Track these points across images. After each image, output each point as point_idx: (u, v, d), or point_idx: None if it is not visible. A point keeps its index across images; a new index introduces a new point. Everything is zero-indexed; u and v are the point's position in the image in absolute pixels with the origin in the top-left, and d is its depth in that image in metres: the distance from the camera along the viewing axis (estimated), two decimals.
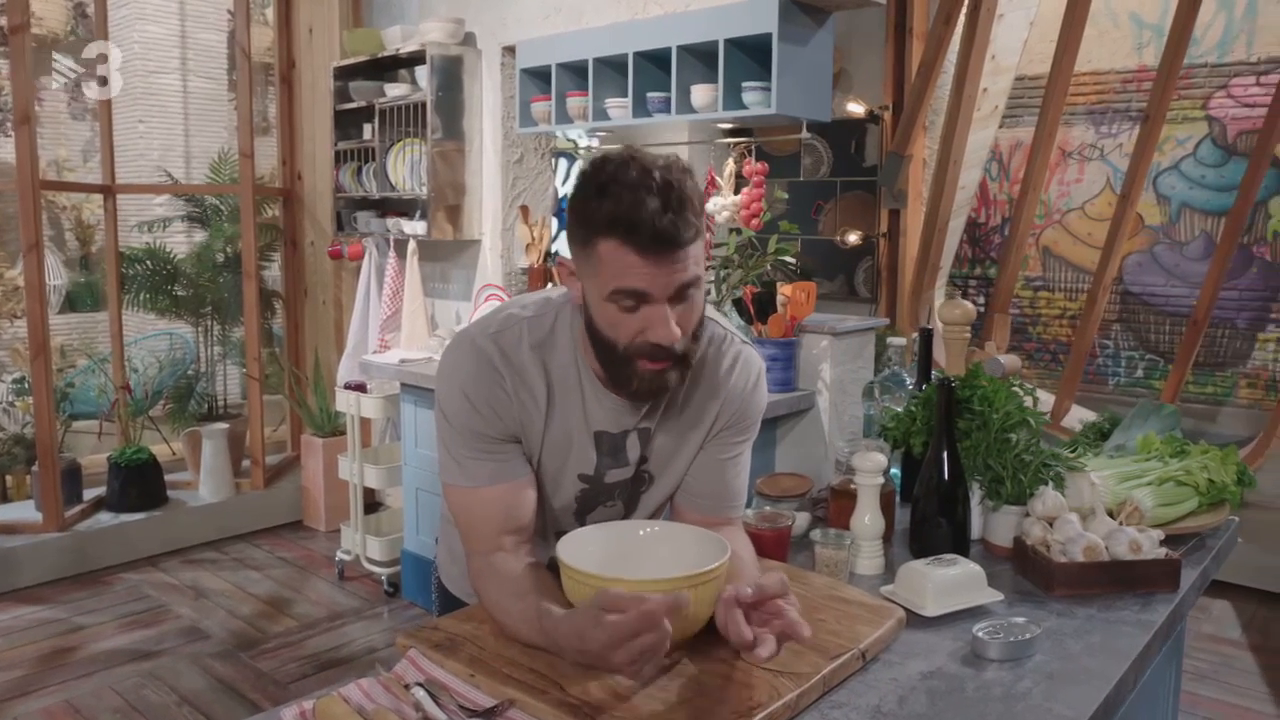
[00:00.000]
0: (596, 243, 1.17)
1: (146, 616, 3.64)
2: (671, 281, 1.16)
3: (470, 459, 1.29)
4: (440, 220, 4.05)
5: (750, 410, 1.39)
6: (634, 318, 1.18)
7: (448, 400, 1.30)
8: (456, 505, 1.32)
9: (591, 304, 1.22)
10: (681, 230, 1.14)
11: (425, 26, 4.04)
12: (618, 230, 1.14)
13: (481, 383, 1.27)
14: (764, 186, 3.25)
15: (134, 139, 5.84)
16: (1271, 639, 3.49)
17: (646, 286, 1.16)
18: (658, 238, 1.13)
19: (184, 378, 5.01)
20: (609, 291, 1.17)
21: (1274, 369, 4.62)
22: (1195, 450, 1.73)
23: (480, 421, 1.27)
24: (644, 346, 1.19)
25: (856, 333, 3.09)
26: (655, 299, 1.17)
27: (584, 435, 1.32)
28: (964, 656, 1.21)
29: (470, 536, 1.31)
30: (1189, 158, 4.80)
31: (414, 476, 3.59)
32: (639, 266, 1.15)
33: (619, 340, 1.20)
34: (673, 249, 1.14)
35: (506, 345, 1.29)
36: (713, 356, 1.36)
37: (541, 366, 1.29)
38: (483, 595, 1.27)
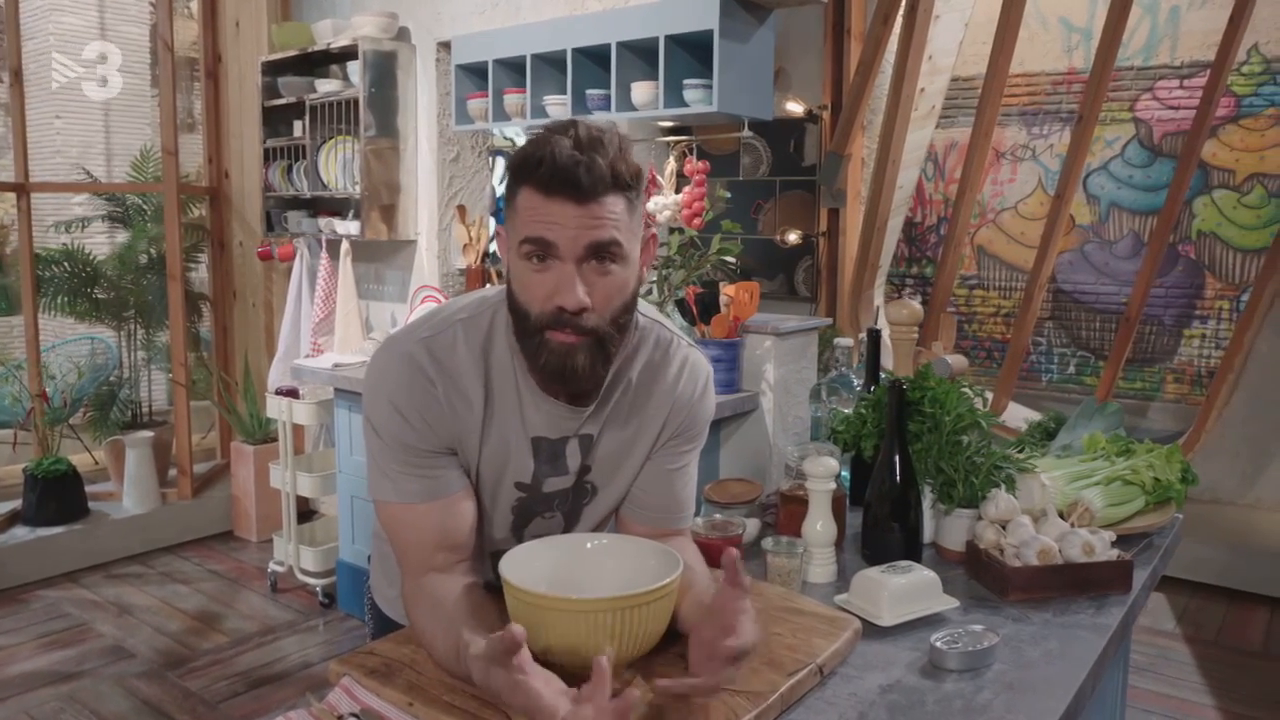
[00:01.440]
0: (515, 195, 1.13)
1: (66, 636, 3.47)
2: (580, 235, 1.09)
3: (402, 474, 1.20)
4: (374, 220, 3.94)
5: (698, 417, 1.34)
6: (543, 278, 1.11)
7: (376, 412, 1.22)
8: (388, 523, 1.24)
9: (511, 266, 1.17)
10: (590, 172, 1.08)
11: (357, 21, 3.93)
12: (527, 172, 1.10)
13: (413, 393, 1.19)
14: (705, 185, 3.22)
15: (50, 135, 5.60)
16: (1204, 630, 3.56)
17: (552, 235, 1.09)
18: (559, 174, 1.08)
19: (106, 384, 4.81)
20: (519, 243, 1.12)
21: (1200, 364, 4.73)
22: (1140, 449, 1.73)
23: (412, 434, 1.19)
24: (552, 313, 1.12)
25: (800, 333, 3.07)
26: (563, 254, 1.10)
27: (521, 441, 1.24)
28: (922, 668, 1.18)
29: (404, 556, 1.23)
30: (1117, 158, 4.90)
31: (349, 484, 3.49)
32: (544, 209, 1.10)
33: (531, 307, 1.13)
34: (579, 193, 1.08)
35: (439, 350, 1.21)
36: (659, 361, 1.30)
37: (479, 369, 1.22)
38: (412, 621, 1.20)
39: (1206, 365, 4.69)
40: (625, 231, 1.13)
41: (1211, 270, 4.67)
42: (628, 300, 1.17)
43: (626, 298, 1.16)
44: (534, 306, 1.13)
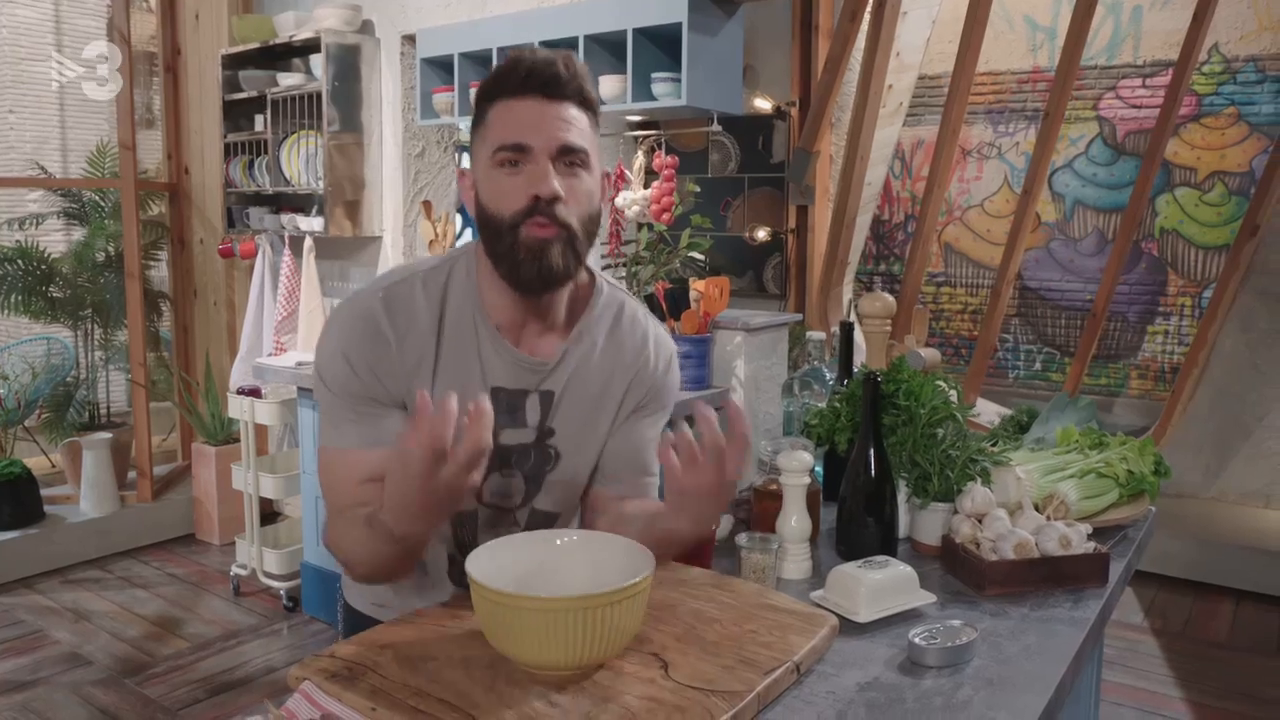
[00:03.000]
0: (486, 113, 1.20)
1: (20, 643, 3.37)
2: (553, 135, 1.16)
3: (345, 421, 1.24)
4: (338, 216, 3.88)
5: (664, 393, 1.38)
6: (516, 180, 1.17)
7: (327, 361, 1.26)
8: (324, 468, 1.26)
9: (481, 184, 1.21)
10: (560, 74, 1.17)
11: (320, 13, 3.86)
12: (499, 86, 1.18)
13: (365, 347, 1.23)
14: (674, 180, 3.19)
15: (3, 130, 5.46)
16: (1172, 623, 3.59)
17: (526, 137, 1.16)
18: (534, 73, 1.16)
19: (62, 385, 4.69)
20: (493, 152, 1.18)
21: (1163, 360, 4.78)
22: (1114, 442, 1.72)
23: (358, 384, 1.23)
24: (527, 206, 1.16)
25: (770, 328, 3.05)
26: (536, 153, 1.16)
27: (477, 390, 1.24)
28: (901, 664, 1.15)
29: (330, 495, 1.26)
30: (1081, 156, 4.94)
31: (313, 485, 3.42)
32: (518, 111, 1.16)
33: (504, 210, 1.17)
34: (551, 90, 1.17)
35: (396, 301, 1.24)
36: (626, 329, 1.34)
37: (434, 316, 1.25)
38: (338, 546, 1.23)
39: (1170, 361, 4.74)
40: (590, 145, 1.20)
41: (1174, 267, 4.72)
42: (595, 209, 1.22)
43: (594, 206, 1.22)
44: (508, 206, 1.17)
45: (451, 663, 1.08)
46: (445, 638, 1.14)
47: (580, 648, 1.00)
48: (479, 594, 1.03)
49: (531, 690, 1.02)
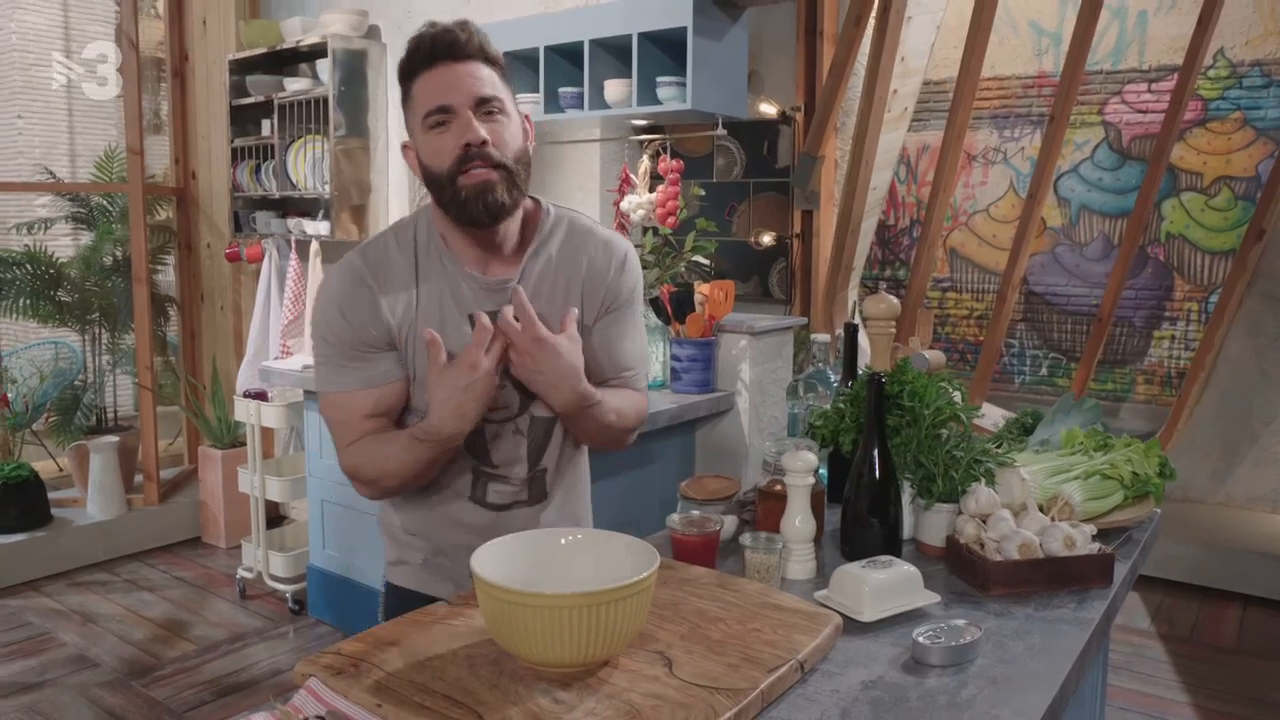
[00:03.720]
0: (410, 90, 1.36)
1: (28, 645, 3.39)
2: (467, 90, 1.32)
3: (342, 366, 1.41)
4: (344, 220, 3.89)
5: (622, 291, 1.50)
6: (446, 135, 1.32)
7: (323, 316, 1.41)
8: (327, 410, 1.44)
9: (420, 150, 1.36)
10: (459, 39, 1.33)
11: (326, 18, 3.88)
12: (411, 63, 1.34)
13: (353, 296, 1.39)
14: (679, 184, 3.20)
15: (12, 135, 5.49)
16: (1178, 627, 3.58)
17: (446, 98, 1.32)
18: (438, 43, 1.32)
19: (70, 389, 4.71)
20: (422, 119, 1.33)
21: (1170, 365, 4.77)
22: (1118, 443, 1.72)
23: (350, 331, 1.39)
24: (460, 155, 1.32)
25: (775, 332, 3.05)
26: (457, 108, 1.32)
27: (456, 316, 1.40)
28: (905, 663, 1.15)
29: (337, 433, 1.43)
30: (1087, 161, 4.93)
31: (319, 488, 3.43)
32: (433, 79, 1.32)
33: (442, 164, 1.33)
34: (456, 52, 1.32)
35: (373, 254, 1.42)
36: (579, 239, 1.47)
37: (410, 259, 1.42)
38: (361, 467, 1.41)
39: (1176, 366, 4.73)
40: (503, 94, 1.36)
41: (1180, 272, 4.72)
42: (521, 147, 1.38)
43: (520, 144, 1.37)
44: (445, 161, 1.33)
45: (457, 659, 1.09)
46: (451, 634, 1.15)
47: (584, 644, 1.01)
48: (484, 591, 1.04)
49: (536, 687, 1.03)
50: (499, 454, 1.46)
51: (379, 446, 1.40)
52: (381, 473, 1.40)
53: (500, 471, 1.47)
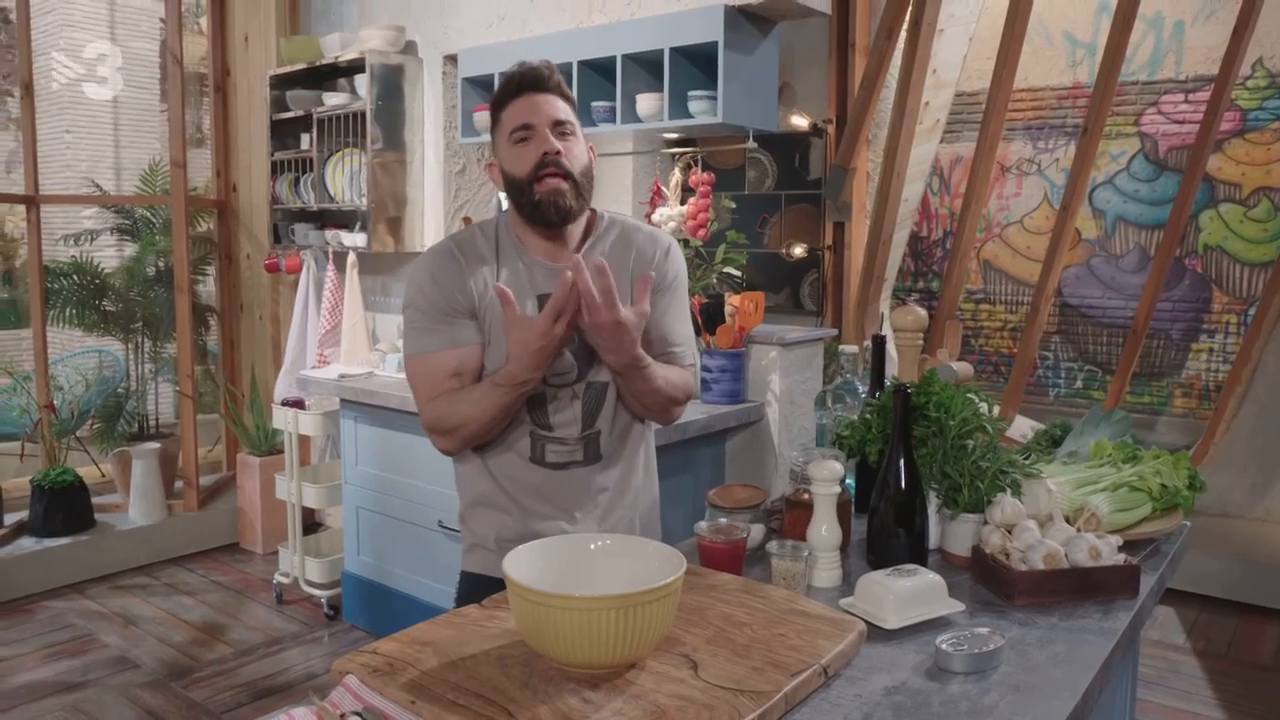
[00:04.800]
0: (499, 117, 1.61)
1: (72, 646, 3.47)
2: (546, 113, 1.58)
3: (432, 329, 1.62)
4: (381, 232, 3.96)
5: (665, 273, 1.71)
6: (527, 148, 1.57)
7: (417, 284, 1.64)
8: (415, 367, 1.65)
9: (504, 163, 1.61)
10: (542, 75, 1.60)
11: (365, 34, 3.96)
12: (505, 93, 1.60)
13: (444, 266, 1.63)
14: (710, 196, 3.22)
15: (60, 149, 5.64)
16: (1214, 644, 3.53)
17: (529, 118, 1.58)
18: (526, 78, 1.60)
19: (113, 396, 4.82)
20: (508, 135, 1.59)
21: (1207, 378, 4.72)
22: (1147, 455, 1.72)
23: (439, 295, 1.61)
24: (538, 163, 1.56)
25: (805, 343, 3.07)
26: (537, 126, 1.58)
27: (528, 296, 1.62)
28: (928, 670, 1.17)
29: (420, 390, 1.64)
30: (1123, 172, 4.90)
31: (354, 495, 3.48)
32: (521, 104, 1.59)
33: (522, 172, 1.58)
34: (539, 86, 1.59)
35: (462, 240, 1.67)
36: (629, 234, 1.71)
37: (492, 247, 1.65)
38: (443, 418, 1.60)
39: (1214, 379, 4.68)
40: (574, 121, 1.63)
41: (1218, 284, 4.67)
42: (587, 165, 1.63)
43: (585, 162, 1.62)
44: (525, 169, 1.58)
45: (489, 659, 1.12)
46: (483, 636, 1.18)
47: (613, 646, 1.04)
48: (516, 593, 1.07)
49: (565, 687, 1.05)
50: (556, 416, 1.64)
51: (460, 395, 1.60)
52: (463, 419, 1.58)
53: (556, 433, 1.64)
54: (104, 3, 5.71)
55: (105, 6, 5.71)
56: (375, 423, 3.33)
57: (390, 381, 3.38)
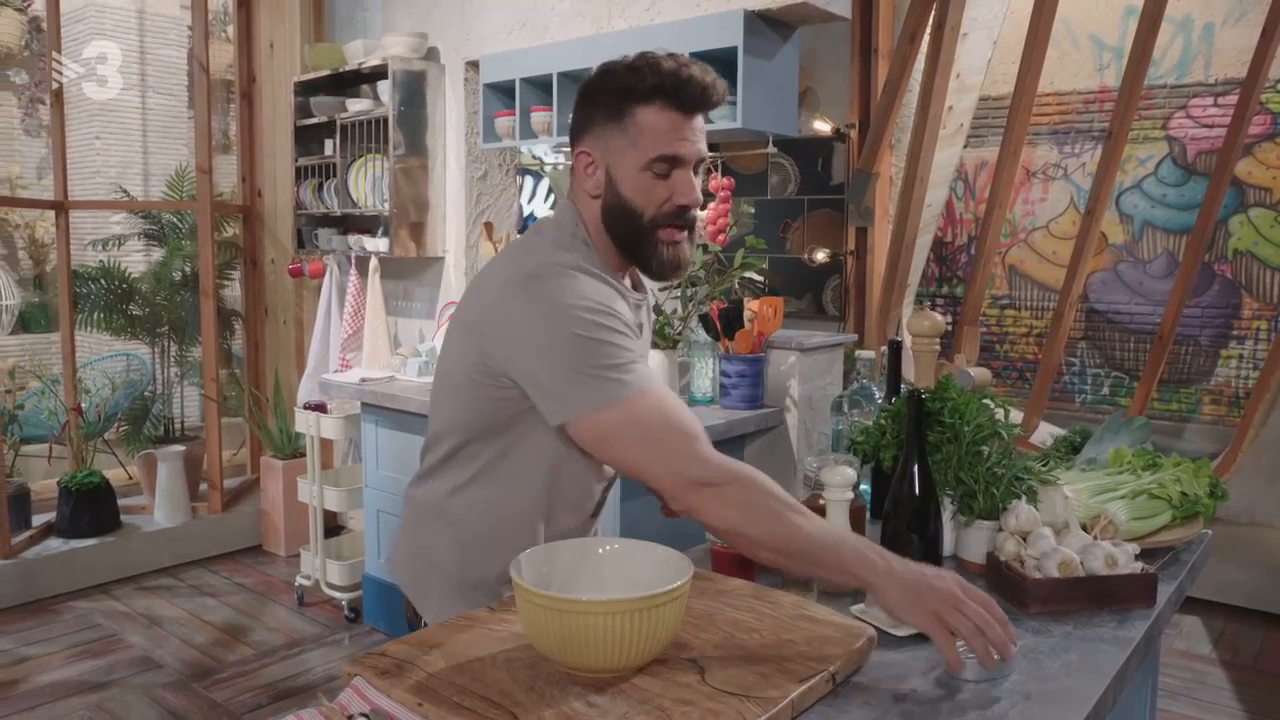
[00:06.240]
0: (635, 113, 1.28)
1: (96, 646, 3.51)
2: (698, 150, 1.30)
3: (623, 365, 1.23)
4: (403, 237, 3.99)
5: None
6: (664, 184, 1.29)
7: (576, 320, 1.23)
8: (633, 421, 1.21)
9: (621, 179, 1.30)
10: (714, 97, 1.29)
11: (388, 41, 3.99)
12: (662, 94, 1.27)
13: (600, 286, 1.28)
14: (730, 201, 3.22)
15: (90, 155, 5.73)
16: (1241, 655, 3.48)
17: (680, 149, 1.28)
18: (705, 96, 1.28)
19: (140, 399, 4.88)
20: (649, 159, 1.28)
21: (1237, 385, 4.65)
22: (1167, 463, 1.70)
23: (618, 324, 1.27)
24: (670, 212, 1.29)
25: (825, 348, 3.05)
26: (686, 162, 1.29)
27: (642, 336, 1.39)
28: (937, 677, 1.16)
29: (676, 440, 1.21)
30: (1150, 177, 4.84)
31: (375, 498, 3.51)
32: (680, 127, 1.27)
33: (646, 210, 1.30)
34: (706, 108, 1.30)
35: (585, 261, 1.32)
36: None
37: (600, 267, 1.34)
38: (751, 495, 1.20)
39: (1244, 386, 4.61)
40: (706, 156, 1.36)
41: (1248, 290, 4.60)
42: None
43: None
44: (651, 210, 1.30)
45: (495, 663, 1.12)
46: (490, 639, 1.18)
47: (619, 650, 1.04)
48: (523, 597, 1.07)
49: (571, 691, 1.05)
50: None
51: (793, 503, 1.21)
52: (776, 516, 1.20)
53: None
54: (133, 11, 5.79)
55: (135, 15, 5.79)
56: (396, 426, 3.35)
57: (411, 386, 3.40)
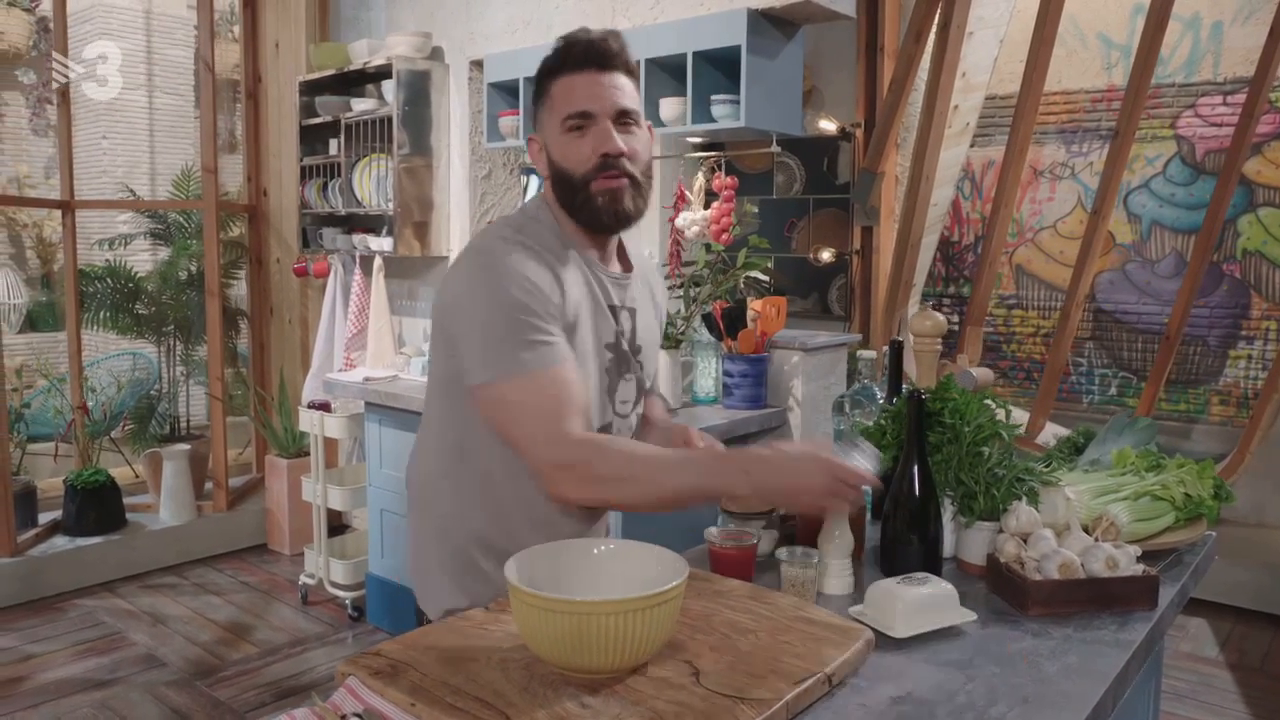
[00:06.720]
0: (549, 87, 1.38)
1: (101, 644, 3.52)
2: (610, 99, 1.35)
3: (545, 338, 1.30)
4: (407, 236, 3.99)
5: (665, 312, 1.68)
6: (584, 140, 1.35)
7: (499, 292, 1.30)
8: (531, 391, 1.29)
9: (552, 149, 1.39)
10: (612, 48, 1.36)
11: (392, 40, 3.99)
12: (560, 62, 1.37)
13: (536, 266, 1.34)
14: (734, 201, 3.21)
15: (97, 155, 5.74)
16: (1248, 657, 3.46)
17: (589, 105, 1.35)
18: (590, 51, 1.35)
19: (145, 398, 4.89)
20: (561, 120, 1.36)
21: (1245, 386, 4.62)
22: (1171, 464, 1.68)
23: (539, 303, 1.31)
24: (596, 164, 1.35)
25: (828, 348, 3.04)
26: (598, 116, 1.35)
27: (602, 307, 1.42)
28: (937, 680, 1.15)
29: (550, 417, 1.28)
30: (1158, 176, 4.82)
31: (379, 497, 3.51)
32: (579, 84, 1.35)
33: (576, 169, 1.36)
34: (606, 66, 1.36)
35: (525, 231, 1.39)
36: (647, 264, 1.60)
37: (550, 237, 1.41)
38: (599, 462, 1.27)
39: (1252, 387, 4.58)
40: (639, 107, 1.40)
41: (1258, 290, 4.58)
42: (649, 161, 1.42)
43: (648, 158, 1.42)
44: (580, 166, 1.36)
45: (490, 663, 1.12)
46: (485, 639, 1.18)
47: (613, 651, 1.03)
48: (517, 598, 1.06)
49: (564, 692, 1.05)
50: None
51: (636, 451, 1.31)
52: (629, 477, 1.28)
53: None
54: (140, 12, 5.80)
55: (141, 15, 5.81)
56: (399, 425, 3.35)
57: (414, 385, 3.40)
